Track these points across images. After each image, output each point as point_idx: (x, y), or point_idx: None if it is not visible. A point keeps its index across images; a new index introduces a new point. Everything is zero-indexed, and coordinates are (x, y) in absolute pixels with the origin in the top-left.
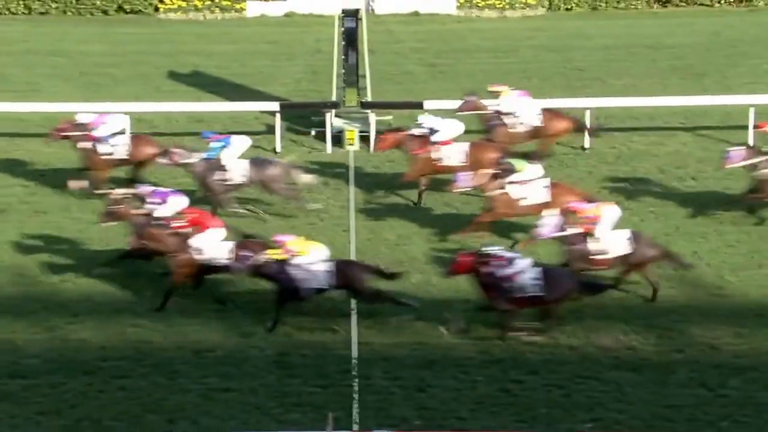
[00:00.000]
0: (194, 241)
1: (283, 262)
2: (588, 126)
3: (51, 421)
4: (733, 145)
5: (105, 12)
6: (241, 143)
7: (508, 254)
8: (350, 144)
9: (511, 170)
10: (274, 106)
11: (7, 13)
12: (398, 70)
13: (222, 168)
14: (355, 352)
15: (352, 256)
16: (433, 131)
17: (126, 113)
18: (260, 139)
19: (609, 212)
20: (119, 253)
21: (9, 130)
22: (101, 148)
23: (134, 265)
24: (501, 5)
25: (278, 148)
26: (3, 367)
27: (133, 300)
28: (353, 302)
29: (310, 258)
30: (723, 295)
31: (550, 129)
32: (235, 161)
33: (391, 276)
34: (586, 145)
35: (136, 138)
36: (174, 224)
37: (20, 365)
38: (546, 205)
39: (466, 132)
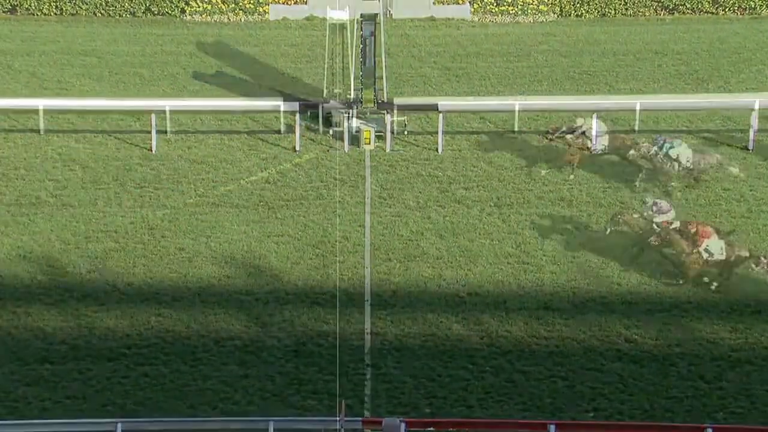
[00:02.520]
0: None
1: None
2: None
3: (78, 405)
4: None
5: (133, 14)
6: None
7: None
8: (367, 143)
9: None
10: (294, 105)
11: (39, 14)
12: (414, 73)
13: None
14: (368, 343)
15: (367, 251)
16: None
17: (153, 110)
18: (281, 137)
19: None
20: None
21: (41, 127)
22: None
23: (157, 257)
24: (514, 11)
25: (297, 146)
26: (33, 354)
27: (157, 291)
28: (369, 296)
29: None
30: (721, 292)
31: None
32: None
33: None
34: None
35: None
36: None
37: (49, 351)
38: None
39: None
